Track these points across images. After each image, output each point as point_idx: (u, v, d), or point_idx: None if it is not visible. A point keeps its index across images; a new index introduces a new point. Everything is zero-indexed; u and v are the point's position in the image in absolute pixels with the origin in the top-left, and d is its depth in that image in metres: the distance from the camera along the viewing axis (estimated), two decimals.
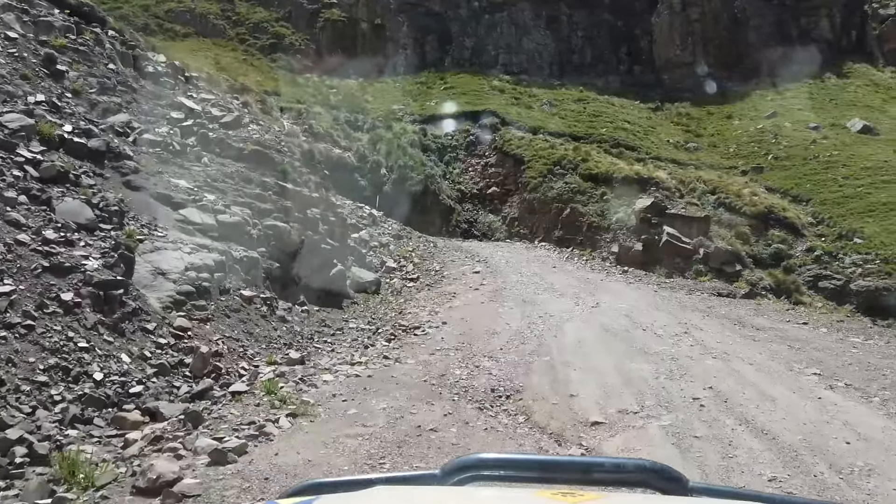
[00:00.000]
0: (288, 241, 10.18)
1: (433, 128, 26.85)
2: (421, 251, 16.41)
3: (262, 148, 10.80)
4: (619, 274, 16.84)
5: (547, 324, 10.62)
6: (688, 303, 14.24)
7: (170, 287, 7.39)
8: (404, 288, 13.20)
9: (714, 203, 20.62)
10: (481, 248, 18.90)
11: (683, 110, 30.51)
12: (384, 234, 16.30)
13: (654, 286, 15.78)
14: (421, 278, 14.02)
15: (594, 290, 14.10)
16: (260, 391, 6.71)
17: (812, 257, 17.74)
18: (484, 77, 32.44)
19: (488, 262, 16.08)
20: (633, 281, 16.19)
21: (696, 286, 16.24)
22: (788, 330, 12.37)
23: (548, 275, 15.32)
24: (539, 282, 14.32)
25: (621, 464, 1.47)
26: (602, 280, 15.65)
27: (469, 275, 14.44)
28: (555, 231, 20.89)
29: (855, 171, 21.35)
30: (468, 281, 13.90)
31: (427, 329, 10.33)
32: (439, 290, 12.94)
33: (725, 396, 7.31)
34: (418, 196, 22.51)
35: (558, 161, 22.87)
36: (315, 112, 24.87)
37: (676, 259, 17.74)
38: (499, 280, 14.14)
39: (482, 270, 14.95)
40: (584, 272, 16.56)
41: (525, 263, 16.56)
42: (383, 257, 14.44)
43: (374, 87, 32.07)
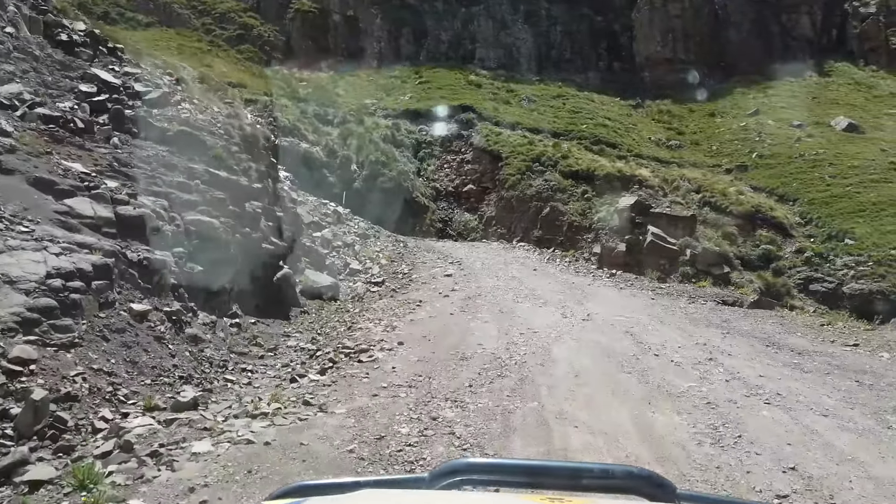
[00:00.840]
0: (215, 238, 8.48)
1: (407, 123, 25.71)
2: (389, 252, 15.09)
3: (192, 129, 9.23)
4: (607, 277, 15.58)
5: (531, 344, 8.78)
6: (695, 314, 12.53)
7: (18, 301, 5.34)
8: (367, 293, 11.86)
9: (699, 202, 19.78)
10: (456, 248, 17.75)
11: (664, 108, 29.75)
12: (350, 233, 15.01)
13: (649, 292, 14.46)
14: (387, 282, 12.65)
15: (582, 297, 12.57)
16: (70, 481, 4.39)
17: (802, 259, 16.94)
18: (460, 72, 31.37)
19: (462, 263, 14.77)
20: (623, 286, 14.91)
21: (697, 292, 14.97)
22: (840, 355, 10.13)
23: (528, 278, 14.00)
24: (518, 287, 12.87)
25: (609, 470, 1.36)
26: (589, 285, 14.21)
27: (440, 278, 13.04)
28: (534, 231, 19.88)
29: (842, 170, 20.67)
30: (438, 286, 12.44)
31: (377, 353, 8.31)
32: (404, 298, 11.43)
33: (825, 489, 4.87)
34: (390, 193, 21.35)
35: (537, 158, 21.88)
36: (282, 104, 23.56)
37: (661, 260, 16.83)
38: (473, 285, 12.59)
39: (455, 273, 13.57)
40: (567, 275, 15.26)
41: (503, 265, 15.26)
42: (347, 258, 13.17)
43: (346, 81, 30.81)
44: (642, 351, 8.91)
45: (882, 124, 25.44)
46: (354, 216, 16.92)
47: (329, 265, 11.90)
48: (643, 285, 15.13)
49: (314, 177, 21.00)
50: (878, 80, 30.38)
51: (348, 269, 12.62)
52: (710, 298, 14.33)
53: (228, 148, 9.28)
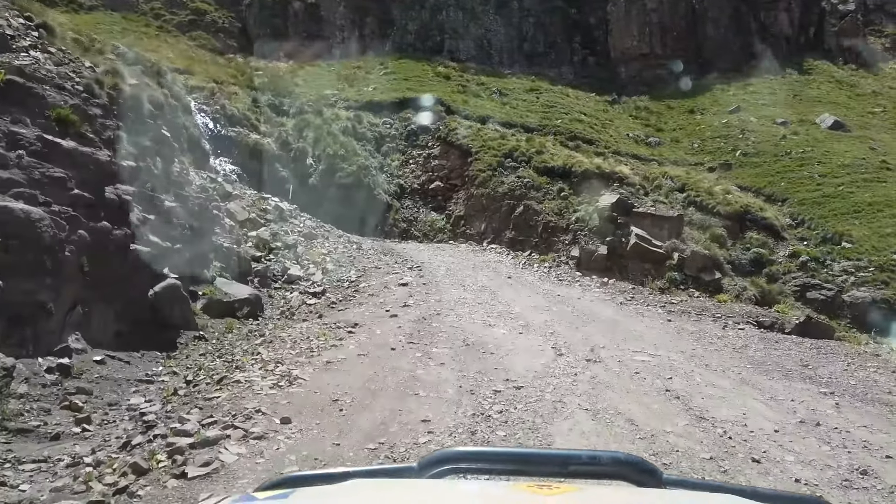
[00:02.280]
0: (32, 238, 5.90)
1: (370, 115, 23.82)
2: (339, 255, 13.00)
3: (25, 80, 6.77)
4: (598, 287, 13.39)
5: (514, 422, 5.59)
6: (748, 350, 9.37)
7: None
8: (303, 306, 9.68)
9: (683, 202, 18.32)
10: (419, 250, 15.90)
11: (642, 104, 28.40)
12: (293, 232, 12.98)
13: (658, 309, 11.92)
14: (328, 292, 10.47)
15: (575, 317, 9.95)
16: None
17: (797, 263, 15.56)
18: (428, 63, 29.61)
19: (423, 269, 12.65)
20: (623, 300, 12.39)
21: (719, 309, 12.62)
22: None
23: (502, 289, 11.64)
24: (490, 301, 10.33)
25: (597, 456, 1.35)
26: (579, 298, 11.68)
27: (393, 288, 10.76)
28: (506, 231, 18.19)
29: (832, 169, 19.46)
30: (388, 299, 9.96)
31: (228, 450, 4.86)
32: (336, 318, 8.62)
33: None
34: (349, 190, 19.47)
35: (510, 153, 20.22)
36: (230, 92, 21.49)
37: (646, 265, 15.28)
38: (432, 298, 10.10)
39: (412, 282, 11.31)
40: (549, 284, 13.10)
41: (471, 271, 13.21)
42: (287, 263, 11.19)
43: (306, 71, 28.77)
44: (718, 443, 5.29)
45: (867, 122, 24.45)
46: (302, 213, 14.95)
47: (260, 271, 9.96)
48: (646, 298, 12.85)
49: (265, 171, 19.02)
50: (859, 78, 29.54)
51: (286, 275, 10.68)
52: (742, 319, 11.79)
53: (85, 110, 7.05)
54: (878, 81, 29.10)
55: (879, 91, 27.88)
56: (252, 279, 9.50)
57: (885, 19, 33.94)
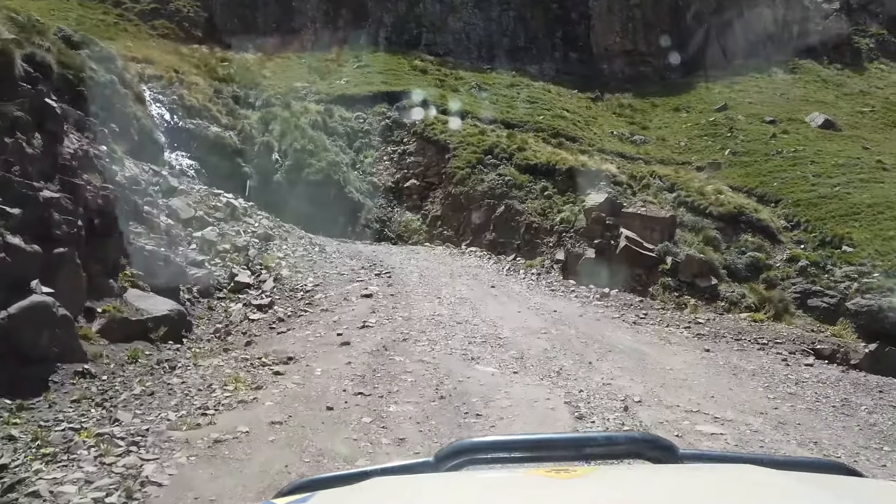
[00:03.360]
0: None
1: (342, 109, 22.47)
2: (297, 259, 11.49)
3: None
4: (599, 300, 11.75)
5: None
6: (850, 405, 7.05)
7: None
8: (245, 321, 8.14)
9: (674, 202, 17.29)
10: (390, 254, 14.57)
11: (625, 101, 27.44)
12: (246, 233, 11.51)
13: (685, 332, 9.91)
14: (276, 305, 8.91)
15: (584, 346, 8.06)
16: None
17: (796, 268, 14.58)
18: (404, 56, 28.34)
19: (393, 276, 11.13)
20: (636, 318, 10.47)
21: (762, 333, 10.60)
22: None
23: (485, 303, 9.95)
24: (472, 319, 8.66)
25: (612, 437, 1.37)
26: (581, 315, 9.89)
27: (354, 301, 9.19)
28: (487, 233, 16.99)
29: (826, 169, 18.59)
30: (343, 317, 8.29)
31: None
32: (266, 348, 6.80)
33: None
34: (318, 187, 18.11)
35: (490, 149, 19.04)
36: (191, 82, 19.99)
37: (637, 270, 14.18)
38: (400, 315, 8.44)
39: (378, 292, 9.74)
40: (540, 296, 11.48)
41: (448, 279, 11.71)
42: (235, 268, 9.75)
43: (275, 63, 27.35)
44: None
45: (857, 122, 23.74)
46: (259, 211, 13.53)
47: (201, 278, 8.54)
48: (662, 316, 10.98)
49: (225, 166, 17.61)
50: (845, 77, 28.91)
51: (233, 282, 9.29)
52: (796, 347, 9.77)
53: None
54: (864, 81, 28.51)
55: (867, 91, 27.26)
56: (189, 288, 8.10)
57: (869, 19, 33.47)
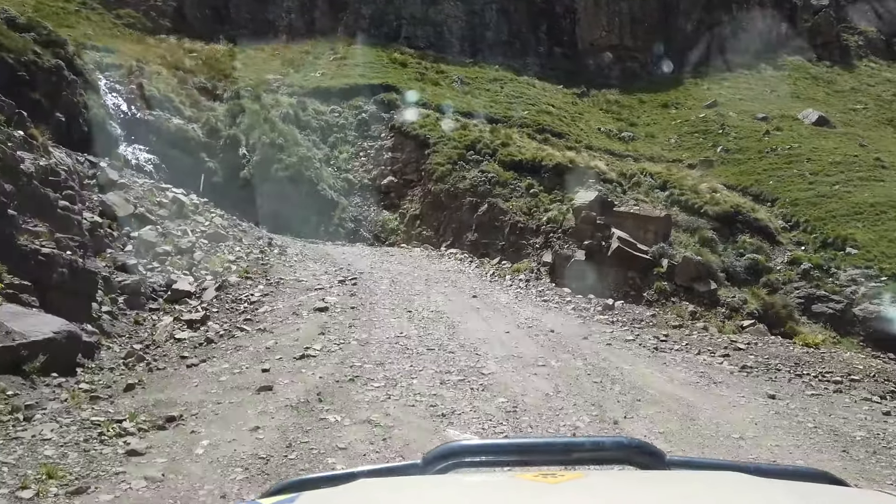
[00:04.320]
0: None
1: (316, 102, 21.27)
2: (251, 262, 10.19)
3: None
4: (602, 314, 10.34)
5: None
6: None
7: None
8: (169, 342, 6.84)
9: (666, 200, 16.35)
10: (361, 256, 13.38)
11: (612, 97, 26.51)
12: (194, 233, 10.18)
13: (728, 365, 7.93)
14: (212, 319, 7.55)
15: (602, 390, 6.16)
16: None
17: (798, 271, 13.68)
18: (383, 49, 27.16)
19: (360, 283, 9.74)
20: (655, 341, 8.61)
21: (828, 365, 8.55)
22: None
23: (466, 318, 8.34)
24: (447, 343, 7.15)
25: (600, 442, 1.38)
26: (587, 338, 8.14)
27: (303, 317, 7.71)
28: (468, 233, 15.89)
29: (824, 167, 17.77)
30: (283, 340, 6.68)
31: None
32: (151, 397, 5.10)
33: None
34: (288, 184, 16.90)
35: (472, 145, 17.95)
36: (153, 72, 18.66)
37: (630, 273, 13.17)
38: (355, 338, 6.90)
39: (337, 303, 8.28)
40: (532, 308, 9.91)
41: (423, 286, 10.35)
42: (175, 273, 8.53)
43: (247, 55, 25.99)
44: None
45: (851, 119, 23.03)
46: (213, 209, 12.22)
47: (131, 286, 7.29)
48: (688, 338, 9.16)
49: (187, 161, 16.34)
50: (835, 75, 28.27)
51: (170, 290, 8.07)
52: (879, 384, 7.76)
53: None
54: (854, 78, 27.89)
55: (858, 88, 26.63)
56: (114, 298, 6.90)
57: (858, 17, 32.93)
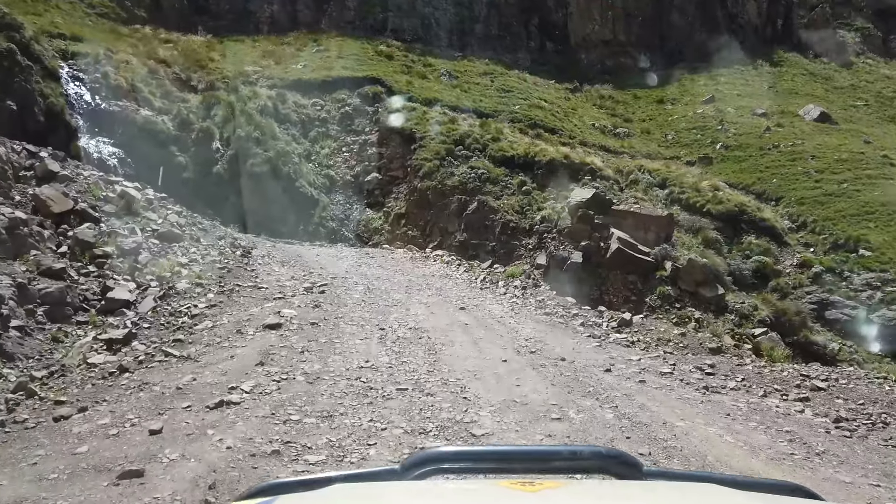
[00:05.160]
0: None
1: (297, 95, 20.20)
2: (205, 266, 8.95)
3: None
4: (619, 332, 9.00)
5: None
6: None
7: None
8: (80, 368, 5.61)
9: (666, 199, 15.47)
10: (340, 258, 12.34)
11: (606, 93, 25.64)
12: (144, 231, 9.03)
13: (803, 409, 6.69)
14: (139, 338, 6.36)
15: (657, 465, 4.50)
16: None
17: (808, 275, 12.82)
18: (368, 42, 26.11)
19: (328, 291, 8.61)
20: (699, 374, 7.31)
21: (869, 392, 7.29)
22: None
23: (451, 339, 7.21)
24: (426, 379, 5.93)
25: (578, 451, 1.34)
26: (609, 369, 6.85)
27: (248, 336, 6.54)
28: (456, 233, 14.91)
29: (829, 164, 16.96)
30: (202, 376, 5.51)
31: None
32: None
33: None
34: (264, 181, 15.84)
35: (461, 139, 16.97)
36: (121, 60, 17.52)
37: (631, 277, 12.24)
38: (302, 371, 5.76)
39: (293, 319, 7.05)
40: (533, 325, 8.35)
41: (403, 294, 9.14)
42: (113, 279, 7.43)
43: (226, 46, 24.85)
44: None
45: (852, 116, 22.28)
46: (170, 205, 11.07)
47: (54, 295, 6.15)
48: (741, 370, 7.70)
49: (155, 154, 15.23)
50: (832, 71, 27.56)
51: (105, 300, 6.96)
52: None
53: None
54: (853, 75, 27.20)
55: (857, 85, 25.92)
56: (32, 310, 5.80)
57: (854, 13, 32.31)
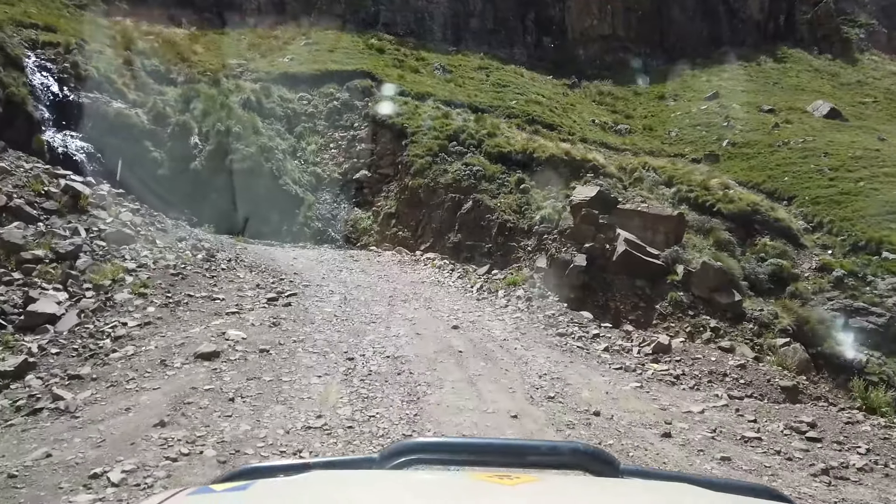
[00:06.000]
0: None
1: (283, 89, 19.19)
2: (157, 271, 7.76)
3: None
4: (653, 360, 7.54)
5: None
6: None
7: None
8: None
9: (673, 198, 14.55)
10: (320, 261, 11.33)
11: (605, 89, 24.73)
12: (90, 232, 7.98)
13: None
14: (37, 369, 5.12)
15: None
16: None
17: (829, 279, 11.91)
18: (359, 35, 25.14)
19: (294, 304, 7.46)
20: (805, 441, 5.87)
21: None
22: None
23: (441, 374, 6.04)
24: None
25: (556, 447, 1.37)
26: (668, 434, 5.62)
27: (171, 372, 5.30)
28: (450, 234, 13.94)
29: (843, 162, 16.08)
30: (70, 449, 4.24)
31: None
32: None
33: None
34: (244, 177, 14.83)
35: (455, 135, 16.02)
36: (94, 50, 16.47)
37: (638, 281, 11.30)
38: (216, 441, 4.58)
39: (236, 346, 5.89)
40: (546, 353, 6.91)
41: (385, 308, 7.92)
42: (42, 287, 6.35)
43: (210, 39, 23.84)
44: None
45: (861, 113, 21.43)
46: (126, 202, 9.98)
47: None
48: (841, 429, 6.15)
49: (129, 150, 14.21)
50: (838, 68, 26.74)
51: (24, 314, 5.90)
52: None
53: None
54: (859, 72, 26.37)
55: (865, 81, 25.10)
56: None
57: (858, 9, 31.53)
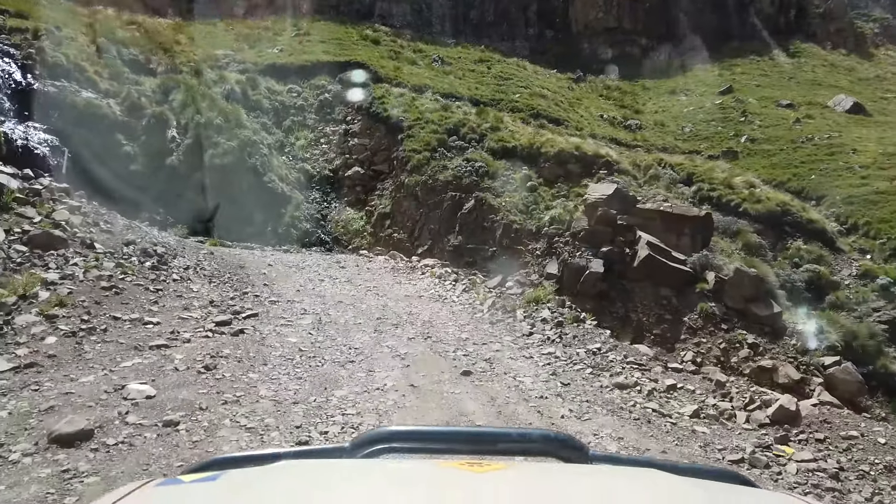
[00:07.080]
0: None
1: (271, 81, 17.96)
2: (86, 283, 6.31)
3: None
4: (780, 441, 5.49)
5: None
6: None
7: None
8: None
9: (693, 197, 13.35)
10: (300, 268, 10.07)
11: (612, 83, 23.54)
12: (10, 234, 6.69)
13: None
14: None
15: None
16: None
17: (874, 288, 10.71)
18: (353, 26, 23.93)
19: (250, 330, 6.16)
20: None
21: None
22: None
23: None
24: None
25: (526, 434, 1.38)
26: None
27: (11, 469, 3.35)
28: (450, 236, 12.69)
29: (875, 159, 14.91)
30: None
31: None
32: None
33: None
34: (226, 174, 13.58)
35: (455, 128, 14.80)
36: (64, 36, 15.20)
37: (662, 290, 10.07)
38: None
39: (126, 412, 4.27)
40: (602, 410, 5.40)
41: (371, 337, 6.43)
42: None
43: (196, 29, 22.58)
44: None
45: (884, 108, 20.26)
46: (67, 199, 8.66)
47: None
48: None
49: (99, 143, 12.95)
50: (854, 63, 25.62)
51: None
52: None
53: None
54: (875, 66, 25.26)
55: (883, 76, 23.98)
56: None
57: (872, 3, 30.44)
